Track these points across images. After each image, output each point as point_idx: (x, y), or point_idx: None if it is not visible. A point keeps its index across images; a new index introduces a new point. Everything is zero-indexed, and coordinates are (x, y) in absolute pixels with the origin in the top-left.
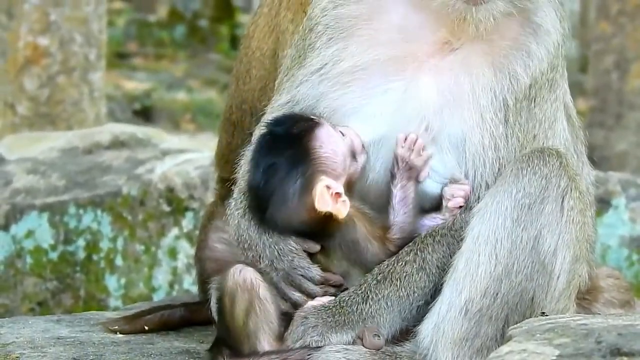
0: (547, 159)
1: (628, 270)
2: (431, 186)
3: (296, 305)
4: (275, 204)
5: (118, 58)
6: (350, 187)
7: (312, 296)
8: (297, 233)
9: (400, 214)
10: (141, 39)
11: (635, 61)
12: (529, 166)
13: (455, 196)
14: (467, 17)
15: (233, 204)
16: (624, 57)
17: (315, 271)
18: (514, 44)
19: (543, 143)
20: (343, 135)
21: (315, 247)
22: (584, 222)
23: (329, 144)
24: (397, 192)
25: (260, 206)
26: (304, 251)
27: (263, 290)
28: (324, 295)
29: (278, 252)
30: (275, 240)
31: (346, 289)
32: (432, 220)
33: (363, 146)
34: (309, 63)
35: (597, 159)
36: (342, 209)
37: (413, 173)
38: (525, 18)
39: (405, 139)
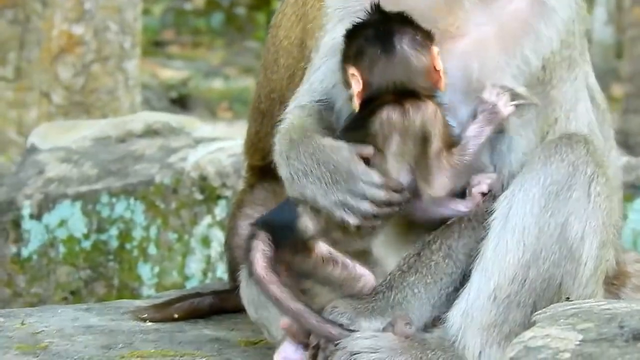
0: (575, 145)
1: None
2: None
3: (367, 217)
4: (396, 60)
5: (154, 46)
6: None
7: (378, 203)
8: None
9: (467, 147)
10: (178, 27)
11: None
12: (557, 153)
13: (482, 183)
14: None
15: (278, 143)
16: None
17: (374, 174)
18: (522, 26)
19: (566, 126)
20: None
21: (369, 150)
22: (610, 208)
23: None
24: (473, 127)
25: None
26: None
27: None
28: (389, 200)
29: (334, 165)
30: (328, 154)
31: (408, 200)
32: (456, 205)
33: None
34: (322, 46)
35: (632, 145)
36: (445, 80)
37: (495, 119)
38: None
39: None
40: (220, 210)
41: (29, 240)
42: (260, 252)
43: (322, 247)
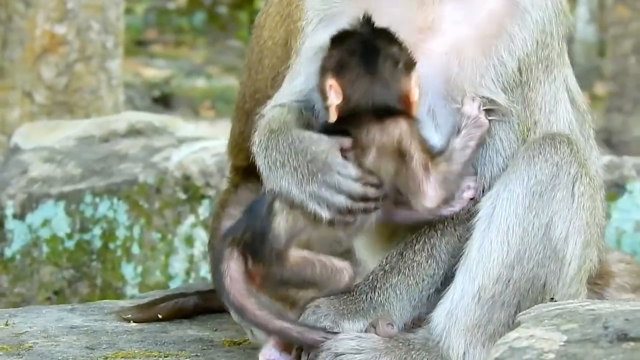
0: (558, 146)
1: None
2: None
3: (341, 212)
4: (377, 82)
5: (137, 45)
6: None
7: (353, 196)
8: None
9: (454, 157)
10: (160, 26)
11: None
12: (541, 153)
13: (470, 187)
14: None
15: (257, 133)
16: None
17: (352, 167)
18: (496, 26)
19: (546, 128)
20: None
21: (347, 142)
22: (594, 207)
23: None
24: (459, 140)
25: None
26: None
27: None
28: (364, 194)
29: (312, 155)
30: (307, 144)
31: (385, 196)
32: (445, 207)
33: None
34: (303, 51)
35: (616, 143)
36: (417, 106)
37: (479, 132)
38: None
39: (473, 101)
40: (204, 210)
41: (12, 240)
42: (233, 274)
43: (296, 254)
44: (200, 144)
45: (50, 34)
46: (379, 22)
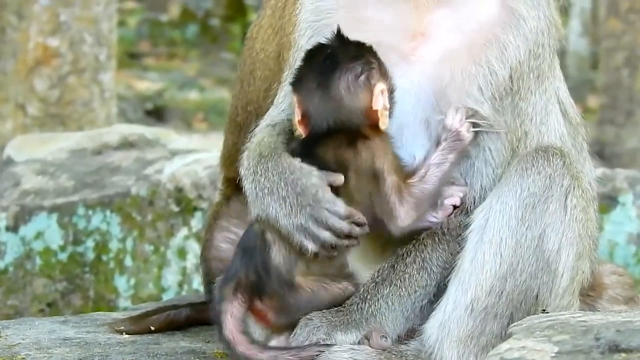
0: (551, 158)
1: (636, 267)
2: None
3: (325, 247)
4: (330, 97)
5: (130, 58)
6: None
7: (338, 234)
8: (320, 165)
9: (428, 175)
10: (153, 39)
11: None
12: (533, 166)
13: (454, 195)
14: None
15: (246, 156)
16: (635, 54)
17: (340, 205)
18: (489, 34)
19: (538, 139)
20: None
21: (339, 179)
22: (587, 219)
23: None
24: (436, 154)
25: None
26: (329, 185)
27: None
28: (349, 233)
29: (301, 188)
30: (297, 176)
31: (367, 232)
32: (428, 217)
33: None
34: (296, 64)
35: (608, 155)
36: (386, 119)
37: (459, 146)
38: (499, 3)
39: (456, 113)
40: (196, 222)
41: (5, 252)
42: (229, 314)
43: (302, 280)
44: (192, 157)
45: (43, 46)
46: (371, 31)
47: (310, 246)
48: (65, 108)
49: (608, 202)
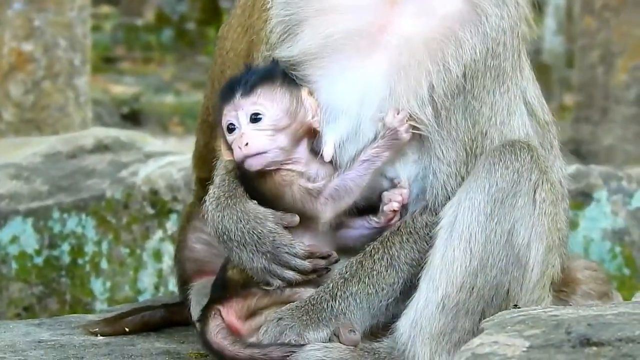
0: (519, 152)
1: (610, 263)
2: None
3: (291, 284)
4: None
5: (106, 62)
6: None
7: (303, 272)
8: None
9: (353, 170)
10: (129, 43)
11: (620, 56)
12: (501, 161)
13: (392, 200)
14: None
15: (208, 200)
16: (609, 52)
17: (299, 246)
18: (447, 31)
19: (499, 140)
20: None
21: (294, 219)
22: (555, 213)
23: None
24: (369, 151)
25: None
26: (285, 228)
27: None
28: (314, 269)
29: (258, 236)
30: (253, 225)
31: (337, 260)
32: (368, 223)
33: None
34: (266, 60)
35: (584, 153)
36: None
37: (395, 144)
38: None
39: (398, 113)
40: (172, 225)
41: None
42: (215, 324)
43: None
44: (167, 159)
45: (17, 51)
46: (339, 19)
47: (277, 283)
48: (40, 113)
49: (583, 198)
